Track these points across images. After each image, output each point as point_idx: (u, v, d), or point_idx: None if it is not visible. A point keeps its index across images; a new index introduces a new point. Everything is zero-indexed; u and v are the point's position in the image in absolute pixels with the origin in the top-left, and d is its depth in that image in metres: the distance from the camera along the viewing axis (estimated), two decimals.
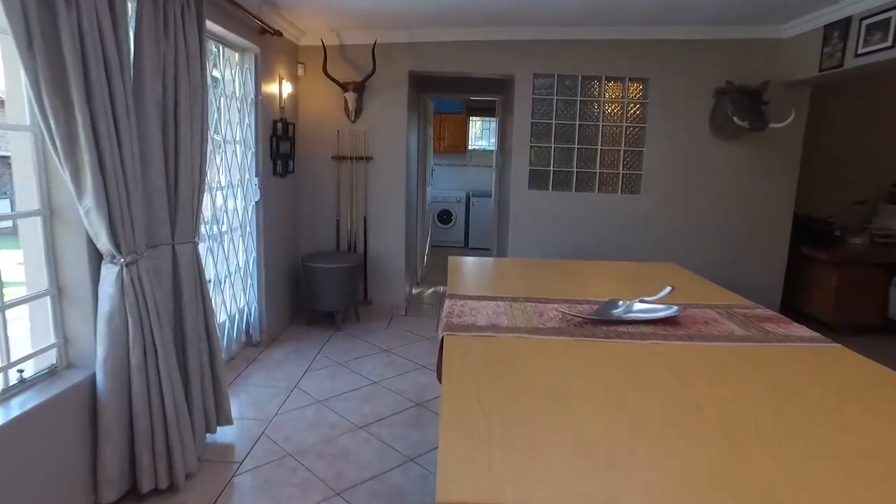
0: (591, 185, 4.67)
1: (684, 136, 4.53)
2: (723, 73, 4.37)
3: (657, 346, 1.71)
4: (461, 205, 8.36)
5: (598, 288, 2.53)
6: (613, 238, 4.68)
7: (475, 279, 2.55)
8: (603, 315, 1.96)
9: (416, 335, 4.32)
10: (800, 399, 1.38)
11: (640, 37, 4.36)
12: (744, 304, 2.28)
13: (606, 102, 4.55)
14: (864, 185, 5.52)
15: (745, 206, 4.64)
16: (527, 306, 2.09)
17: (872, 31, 3.53)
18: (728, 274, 4.60)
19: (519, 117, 4.54)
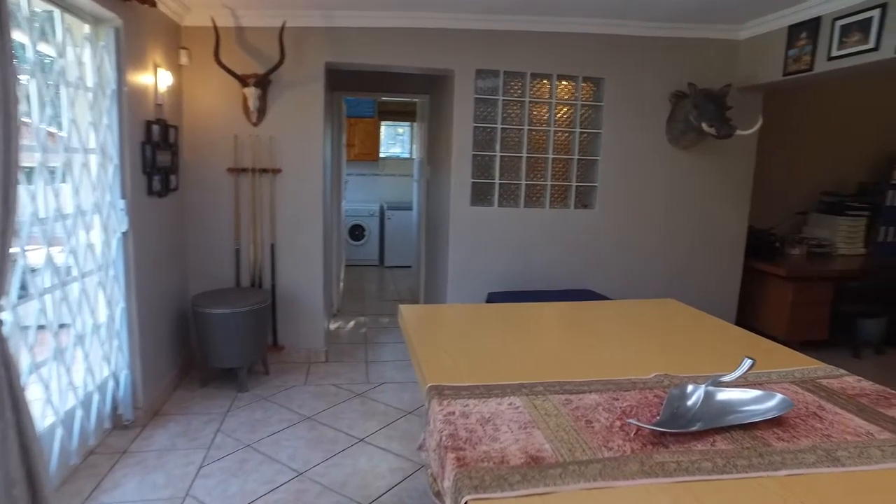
0: (541, 199, 4.08)
1: (641, 143, 4.06)
2: (680, 74, 3.96)
3: (801, 483, 1.07)
4: (375, 219, 7.54)
5: (619, 350, 1.87)
6: (566, 259, 4.11)
7: (454, 348, 1.80)
8: (682, 419, 1.29)
9: (344, 389, 3.47)
10: None
11: (595, 30, 3.82)
12: (810, 363, 1.72)
13: (558, 105, 3.98)
14: (798, 196, 5.42)
15: (701, 219, 4.27)
16: (557, 403, 1.38)
17: (850, 32, 3.22)
18: (685, 290, 4.20)
19: (459, 121, 3.84)
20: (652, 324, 2.20)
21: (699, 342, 1.99)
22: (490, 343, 1.88)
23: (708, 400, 1.36)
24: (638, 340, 1.97)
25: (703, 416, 1.30)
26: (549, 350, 1.83)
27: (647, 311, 2.39)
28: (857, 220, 5.16)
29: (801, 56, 3.53)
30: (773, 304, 4.63)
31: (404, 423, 3.05)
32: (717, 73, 3.97)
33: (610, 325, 2.19)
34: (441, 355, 1.71)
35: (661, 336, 2.04)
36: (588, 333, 2.05)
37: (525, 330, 2.07)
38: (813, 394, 1.50)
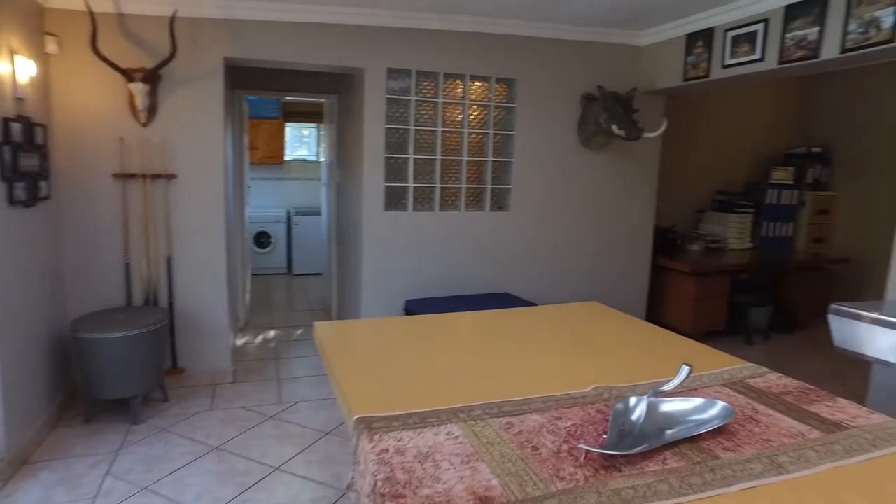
0: (456, 202, 4.00)
1: (553, 145, 4.10)
2: (590, 77, 4.03)
3: (754, 497, 1.03)
4: (281, 225, 7.17)
5: (553, 361, 1.81)
6: (483, 262, 4.07)
7: (380, 371, 1.65)
8: (629, 437, 1.23)
9: (254, 412, 3.20)
10: None
11: (507, 31, 3.80)
12: (735, 363, 1.75)
13: (471, 106, 3.92)
14: (696, 195, 5.75)
15: (611, 219, 4.39)
16: (498, 428, 1.27)
17: (739, 43, 3.41)
18: (599, 289, 4.31)
19: (370, 123, 3.68)
20: (580, 330, 2.17)
21: (630, 347, 1.97)
22: (418, 361, 1.75)
23: (652, 412, 1.31)
24: (570, 349, 1.92)
25: (649, 430, 1.25)
26: (480, 365, 1.73)
27: (573, 317, 2.36)
28: (745, 217, 5.55)
29: (699, 63, 3.70)
30: (678, 299, 4.86)
31: (324, 445, 2.84)
32: (624, 77, 4.09)
33: (539, 333, 2.13)
34: (366, 380, 1.55)
35: (591, 343, 2.00)
36: (518, 344, 1.98)
37: (453, 344, 1.96)
38: (745, 396, 1.50)
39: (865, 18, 2.75)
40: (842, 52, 2.86)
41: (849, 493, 1.07)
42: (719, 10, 3.44)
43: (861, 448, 1.24)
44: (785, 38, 3.11)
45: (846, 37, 2.84)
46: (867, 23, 2.75)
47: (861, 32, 2.78)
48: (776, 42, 3.16)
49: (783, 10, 3.11)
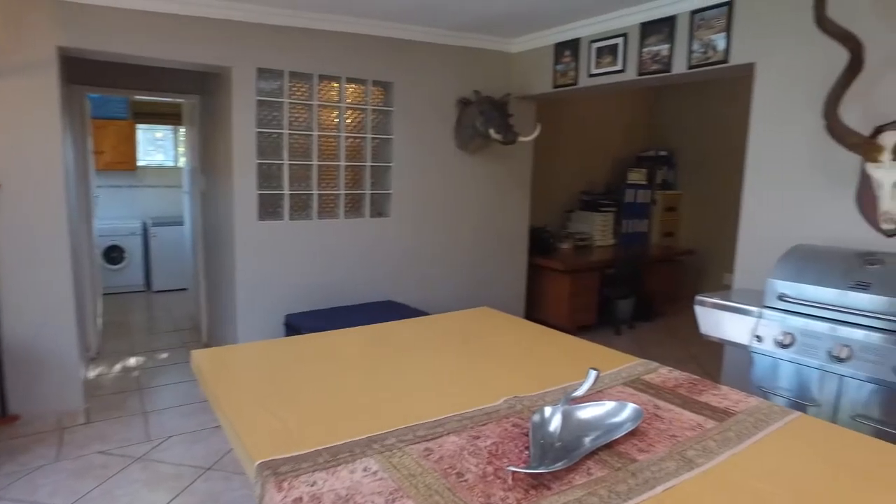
0: (335, 209, 3.85)
1: (431, 149, 4.10)
2: (465, 81, 4.09)
3: (676, 495, 1.06)
4: (136, 237, 6.46)
5: (457, 374, 1.76)
6: (366, 270, 3.96)
7: (276, 402, 1.49)
8: (550, 450, 1.21)
9: (116, 455, 2.80)
10: None
11: (384, 33, 3.72)
12: (628, 360, 1.83)
13: (348, 109, 3.78)
14: (565, 195, 6.09)
15: (489, 221, 4.49)
16: (417, 457, 1.19)
17: (603, 54, 3.64)
18: (481, 291, 4.39)
19: (240, 126, 3.40)
20: (477, 338, 2.15)
21: (529, 352, 1.98)
22: (315, 388, 1.61)
23: (568, 421, 1.31)
24: (472, 359, 1.89)
25: (568, 440, 1.24)
26: (384, 386, 1.63)
27: (468, 324, 2.34)
28: (607, 216, 5.98)
29: (567, 71, 3.90)
30: (554, 296, 5.10)
31: (203, 483, 2.56)
32: (498, 83, 4.19)
33: (437, 345, 2.08)
34: (261, 415, 1.39)
35: (491, 351, 1.99)
36: (418, 358, 1.91)
37: (349, 364, 1.84)
38: (645, 393, 1.56)
39: (704, 40, 3.05)
40: (689, 68, 3.16)
41: (750, 478, 1.13)
42: (584, 23, 3.64)
43: (748, 432, 1.34)
44: (642, 52, 3.37)
45: (691, 55, 3.13)
46: (706, 44, 3.05)
47: (702, 52, 3.08)
48: (635, 55, 3.41)
49: (639, 27, 3.37)
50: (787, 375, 2.26)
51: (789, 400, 2.22)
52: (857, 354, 2.02)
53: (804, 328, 2.17)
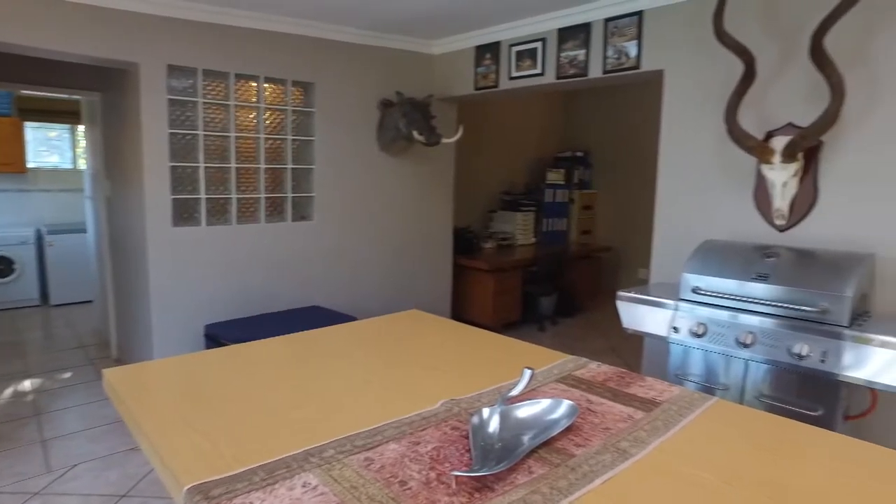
0: (255, 214, 3.71)
1: (354, 151, 4.04)
2: (387, 83, 4.06)
3: (615, 486, 1.10)
4: (29, 247, 5.92)
5: (391, 379, 1.74)
6: (289, 276, 3.84)
7: (203, 421, 1.41)
8: (492, 451, 1.22)
9: (8, 493, 2.54)
10: None
11: (303, 32, 3.63)
12: (558, 357, 1.89)
13: (267, 110, 3.65)
14: (487, 195, 6.19)
15: (414, 223, 4.49)
16: (358, 468, 1.17)
17: (523, 58, 3.74)
18: (407, 293, 4.39)
19: (150, 127, 3.20)
20: (409, 341, 2.13)
21: (462, 354, 1.99)
22: (245, 402, 1.54)
23: (506, 421, 1.32)
24: (405, 363, 1.87)
25: (508, 440, 1.26)
26: (317, 395, 1.59)
27: (398, 327, 2.32)
28: (528, 215, 6.15)
29: (488, 74, 3.96)
30: (478, 295, 5.17)
31: None
32: (420, 84, 4.20)
33: (368, 350, 2.05)
34: (188, 436, 1.31)
35: (425, 354, 1.98)
36: (350, 364, 1.87)
37: (279, 374, 1.78)
38: (577, 389, 1.62)
39: (618, 47, 3.21)
40: (604, 73, 3.30)
41: (679, 463, 1.20)
42: (504, 27, 3.72)
43: (674, 420, 1.41)
44: (560, 56, 3.49)
45: (606, 60, 3.28)
46: (619, 51, 3.21)
47: (616, 58, 3.23)
48: (553, 59, 3.53)
49: (557, 32, 3.48)
50: (699, 363, 2.42)
51: (702, 385, 2.37)
52: (760, 340, 2.20)
53: (715, 318, 2.33)
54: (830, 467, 1.23)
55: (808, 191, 2.54)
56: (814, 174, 2.53)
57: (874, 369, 1.95)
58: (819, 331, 2.06)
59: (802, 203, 2.56)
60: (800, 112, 2.52)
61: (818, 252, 2.37)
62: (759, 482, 1.14)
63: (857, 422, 2.23)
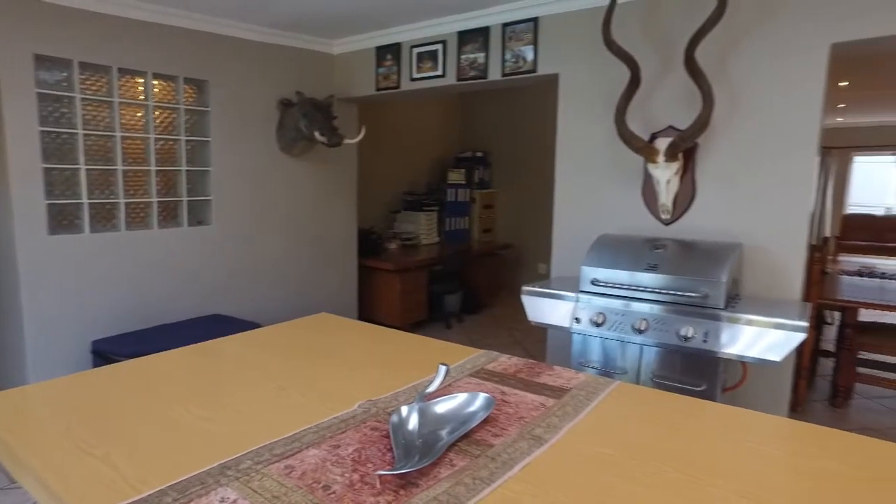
0: (147, 219, 3.46)
1: (253, 152, 3.89)
2: (287, 82, 3.95)
3: (533, 471, 1.15)
4: None
5: (306, 385, 1.70)
6: (188, 284, 3.63)
7: (100, 444, 1.30)
8: (414, 448, 1.24)
9: None
10: None
11: (196, 27, 3.43)
12: (471, 353, 1.94)
13: (157, 108, 3.42)
14: (390, 196, 6.18)
15: (317, 225, 4.40)
16: (279, 477, 1.14)
17: (424, 60, 3.78)
18: (312, 297, 4.30)
19: (15, 124, 2.89)
20: (321, 345, 2.10)
21: (375, 355, 1.99)
22: (146, 420, 1.44)
23: (425, 418, 1.35)
24: (319, 368, 1.84)
25: (428, 436, 1.28)
26: (227, 406, 1.52)
27: (309, 332, 2.27)
28: (431, 215, 6.22)
29: (390, 75, 3.97)
30: (385, 296, 5.16)
31: None
32: (321, 84, 4.12)
33: (278, 356, 1.99)
34: (85, 462, 1.21)
35: (337, 357, 1.96)
36: (260, 372, 1.80)
37: (182, 388, 1.68)
38: (490, 381, 1.67)
39: (515, 51, 3.34)
40: (503, 76, 3.42)
41: (590, 444, 1.28)
42: (404, 28, 3.74)
43: (583, 404, 1.50)
44: (460, 58, 3.57)
45: (504, 64, 3.40)
46: (517, 55, 3.34)
47: (514, 62, 3.37)
48: (454, 61, 3.60)
49: (457, 35, 3.56)
50: (599, 350, 2.58)
51: (602, 370, 2.53)
52: (652, 325, 2.39)
53: (612, 307, 2.50)
54: (718, 433, 1.37)
55: (688, 187, 2.80)
56: (692, 172, 2.79)
57: (744, 345, 2.18)
58: (701, 314, 2.27)
59: (684, 198, 2.81)
60: (679, 116, 2.77)
61: (698, 242, 2.62)
62: (661, 454, 1.25)
63: (733, 392, 2.49)
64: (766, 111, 2.60)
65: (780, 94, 2.56)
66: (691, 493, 1.09)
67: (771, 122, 2.59)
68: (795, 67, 2.52)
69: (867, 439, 1.33)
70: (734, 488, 1.11)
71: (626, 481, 1.14)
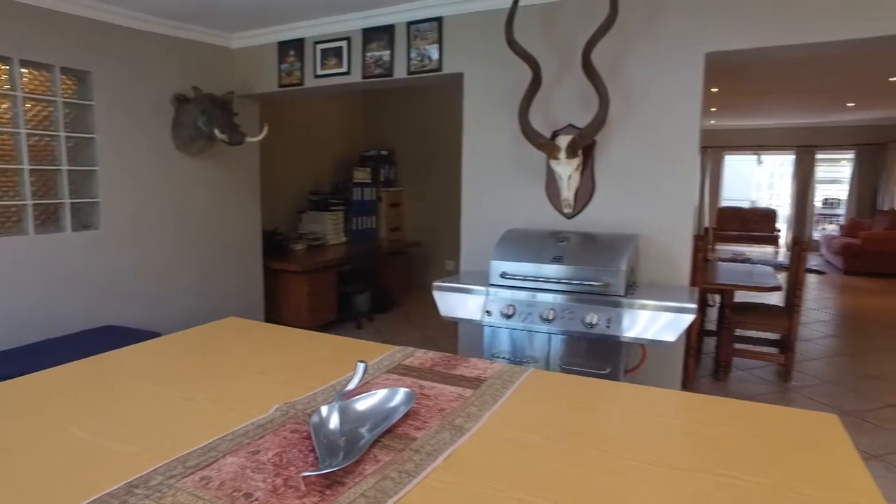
0: (21, 223, 3.13)
1: (146, 150, 3.64)
2: (182, 76, 3.72)
3: (457, 460, 1.18)
4: None
5: (217, 392, 1.62)
6: (74, 294, 3.33)
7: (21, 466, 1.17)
8: (337, 448, 1.22)
9: None
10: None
11: (76, 11, 3.14)
12: (386, 349, 1.94)
13: (28, 100, 3.10)
14: (294, 196, 6.01)
15: (219, 227, 4.20)
16: (195, 489, 1.08)
17: (328, 56, 3.72)
18: (216, 301, 4.10)
19: None
20: (231, 350, 2.01)
21: (290, 356, 1.94)
22: (37, 443, 1.31)
23: (346, 416, 1.33)
24: (230, 374, 1.76)
25: (350, 434, 1.27)
26: (131, 421, 1.42)
27: (216, 338, 2.17)
28: (337, 214, 6.13)
29: (293, 71, 3.86)
30: (292, 298, 5.02)
31: None
32: (219, 79, 3.93)
33: (185, 365, 1.88)
34: None
35: (249, 361, 1.88)
36: (165, 383, 1.69)
37: (77, 405, 1.55)
38: (408, 376, 1.68)
39: (421, 50, 3.37)
40: (408, 74, 3.44)
41: (509, 430, 1.32)
42: (307, 24, 3.66)
43: (500, 392, 1.55)
44: (366, 56, 3.54)
45: (410, 62, 3.42)
46: (422, 53, 3.37)
47: (419, 60, 3.39)
48: (359, 59, 3.57)
49: (361, 32, 3.53)
50: (510, 341, 2.67)
51: (513, 360, 2.63)
52: (559, 314, 2.51)
53: (521, 299, 2.60)
54: (624, 410, 1.47)
55: (587, 183, 2.96)
56: (591, 168, 2.95)
57: (643, 328, 2.35)
58: (604, 301, 2.42)
59: (584, 193, 2.98)
60: (578, 115, 2.92)
61: (598, 234, 2.78)
62: (575, 433, 1.32)
63: (634, 374, 2.68)
64: (655, 112, 2.81)
65: (666, 97, 2.78)
66: (605, 465, 1.17)
67: (659, 122, 2.80)
68: (677, 73, 2.74)
69: (747, 403, 1.49)
70: (643, 458, 1.20)
71: (546, 461, 1.19)
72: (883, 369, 4.40)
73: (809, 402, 3.72)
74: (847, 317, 6.17)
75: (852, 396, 3.84)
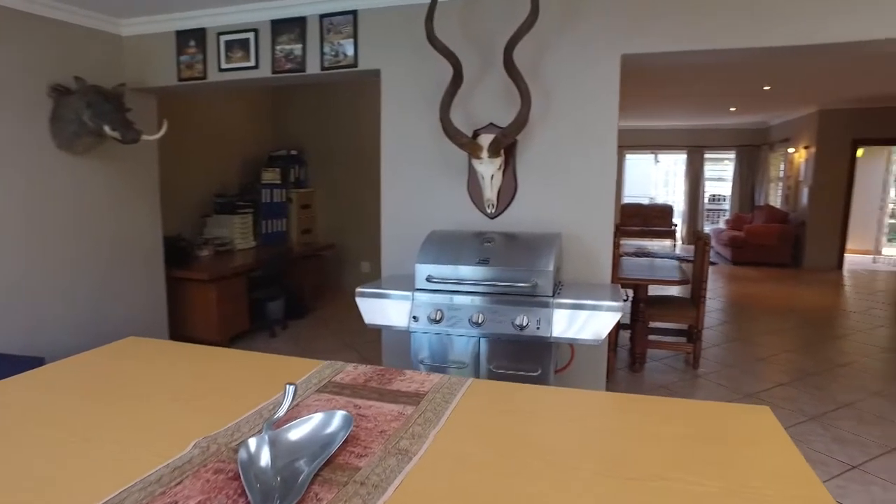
0: None
1: (18, 149, 3.20)
2: (62, 66, 3.31)
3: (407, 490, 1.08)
4: None
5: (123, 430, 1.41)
6: None
7: None
8: (272, 489, 1.08)
9: None
10: None
11: None
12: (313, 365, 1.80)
13: None
14: (197, 198, 5.60)
15: (113, 235, 3.80)
16: None
17: (234, 49, 3.47)
18: (111, 318, 3.71)
19: None
20: (132, 377, 1.78)
21: (203, 380, 1.74)
22: None
23: (278, 448, 1.19)
24: (135, 406, 1.54)
25: (286, 471, 1.13)
26: (8, 478, 1.19)
27: (113, 363, 1.91)
28: (246, 217, 5.80)
29: (194, 64, 3.56)
30: (199, 309, 4.67)
31: None
32: (107, 70, 3.55)
33: (76, 397, 1.63)
34: None
35: (157, 389, 1.67)
36: (52, 422, 1.45)
37: None
38: (341, 395, 1.55)
39: (335, 44, 3.22)
40: (322, 70, 3.27)
41: (460, 448, 1.24)
42: (208, 12, 3.38)
43: (441, 407, 1.47)
44: (276, 50, 3.32)
45: (324, 57, 3.25)
46: (337, 48, 3.22)
47: (333, 55, 3.24)
48: (268, 52, 3.34)
49: (270, 24, 3.31)
50: (438, 346, 2.59)
51: (441, 366, 2.55)
52: (488, 317, 2.46)
53: (449, 303, 2.53)
54: (565, 416, 1.44)
55: (510, 182, 2.95)
56: (513, 167, 2.94)
57: (573, 328, 2.36)
58: (533, 302, 2.40)
59: (507, 193, 2.96)
60: (499, 113, 2.90)
61: (524, 235, 2.77)
62: (523, 444, 1.26)
63: (563, 373, 2.69)
64: (575, 111, 2.84)
65: (585, 96, 2.82)
66: (559, 479, 1.12)
67: (579, 121, 2.84)
68: (595, 73, 2.79)
69: (684, 401, 1.52)
70: (594, 468, 1.16)
71: (499, 478, 1.12)
72: (769, 351, 4.80)
73: (718, 388, 3.96)
74: (736, 304, 6.68)
75: (749, 378, 4.13)
